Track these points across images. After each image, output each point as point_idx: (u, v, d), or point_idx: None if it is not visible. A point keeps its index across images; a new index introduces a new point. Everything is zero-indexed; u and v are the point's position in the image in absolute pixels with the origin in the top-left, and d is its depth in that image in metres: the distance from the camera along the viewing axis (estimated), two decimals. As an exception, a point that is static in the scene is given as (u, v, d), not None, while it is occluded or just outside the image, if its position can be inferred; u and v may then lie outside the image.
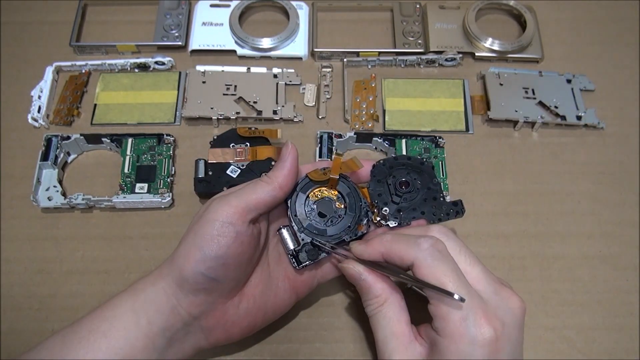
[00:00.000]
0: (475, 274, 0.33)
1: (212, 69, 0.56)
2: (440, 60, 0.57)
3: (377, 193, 0.39)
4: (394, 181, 0.40)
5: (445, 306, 0.31)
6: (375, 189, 0.40)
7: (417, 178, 0.40)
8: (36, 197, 0.48)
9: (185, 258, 0.34)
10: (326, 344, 0.44)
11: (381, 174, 0.40)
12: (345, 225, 0.38)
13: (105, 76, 0.56)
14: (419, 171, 0.40)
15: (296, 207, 0.38)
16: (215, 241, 0.34)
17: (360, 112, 0.54)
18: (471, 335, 0.30)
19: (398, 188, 0.39)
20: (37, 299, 0.45)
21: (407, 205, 0.39)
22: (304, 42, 0.58)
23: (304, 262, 0.37)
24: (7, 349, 0.43)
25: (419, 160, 0.41)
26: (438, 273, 0.31)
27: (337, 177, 0.38)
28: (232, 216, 0.34)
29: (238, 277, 0.36)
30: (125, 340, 0.33)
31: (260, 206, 0.35)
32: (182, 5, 0.60)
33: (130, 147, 0.51)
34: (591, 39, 0.60)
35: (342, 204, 0.39)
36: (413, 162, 0.41)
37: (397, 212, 0.39)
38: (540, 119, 0.53)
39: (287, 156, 0.37)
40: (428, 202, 0.40)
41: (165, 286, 0.35)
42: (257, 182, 0.36)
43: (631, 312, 0.46)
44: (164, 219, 0.49)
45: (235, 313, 0.37)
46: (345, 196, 0.39)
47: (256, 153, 0.49)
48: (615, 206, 0.50)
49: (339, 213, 0.39)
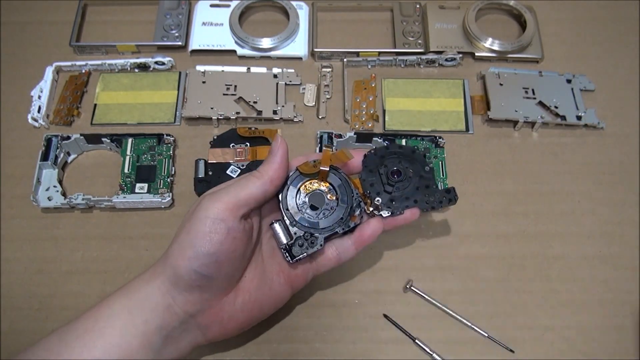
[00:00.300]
0: None
1: (212, 69, 0.56)
2: (440, 60, 0.57)
3: (370, 183, 0.39)
4: (386, 170, 0.39)
5: None
6: (367, 178, 0.39)
7: (409, 166, 0.40)
8: (36, 197, 0.48)
9: (178, 256, 0.34)
10: (326, 344, 0.44)
11: (372, 163, 0.40)
12: (337, 217, 0.38)
13: (105, 76, 0.56)
14: (411, 159, 0.40)
15: (287, 201, 0.38)
16: (208, 238, 0.34)
17: (360, 112, 0.54)
18: None
19: (390, 177, 0.39)
20: (37, 299, 0.45)
21: (399, 194, 0.39)
22: (304, 42, 0.58)
23: (298, 255, 0.37)
24: (7, 349, 0.43)
25: (411, 148, 0.41)
26: None
27: (327, 169, 0.38)
28: (223, 212, 0.34)
29: (232, 273, 0.36)
30: (121, 339, 0.33)
31: (251, 201, 0.35)
32: (182, 5, 0.60)
33: (130, 147, 0.51)
34: (591, 39, 0.60)
35: (334, 195, 0.39)
36: (404, 151, 0.41)
37: (390, 201, 0.39)
38: (540, 119, 0.53)
39: (277, 150, 0.37)
40: (421, 190, 0.39)
41: (160, 284, 0.35)
42: (248, 177, 0.36)
43: (631, 312, 0.46)
44: (164, 219, 0.49)
45: (231, 309, 0.37)
46: (337, 188, 0.39)
47: (256, 153, 0.49)
48: (615, 206, 0.50)
49: (331, 205, 0.39)
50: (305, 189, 0.39)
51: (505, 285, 0.47)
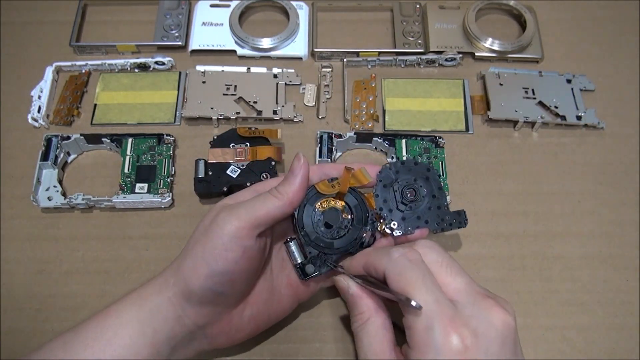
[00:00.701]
0: (456, 285, 0.32)
1: (212, 69, 0.56)
2: (440, 60, 0.57)
3: (383, 199, 0.39)
4: (400, 188, 0.39)
5: (410, 316, 0.30)
6: (381, 194, 0.39)
7: (422, 185, 0.40)
8: (36, 197, 0.48)
9: (193, 272, 0.34)
10: (326, 344, 0.44)
11: (387, 178, 0.40)
12: (352, 237, 0.38)
13: (105, 76, 0.56)
14: (425, 177, 0.40)
15: (303, 220, 0.38)
16: (223, 256, 0.33)
17: (360, 112, 0.54)
18: (436, 344, 0.28)
19: (404, 196, 0.39)
20: (37, 299, 0.45)
21: (411, 213, 0.39)
22: (304, 42, 0.58)
23: (311, 274, 0.37)
24: (7, 349, 0.43)
25: (426, 166, 0.41)
26: (403, 281, 0.31)
27: (346, 191, 0.38)
28: (240, 231, 0.33)
29: (245, 289, 0.36)
30: (130, 349, 0.33)
31: (269, 221, 0.35)
32: (182, 5, 0.60)
33: (130, 147, 0.51)
34: (591, 39, 0.60)
35: (349, 214, 0.38)
36: (419, 168, 0.40)
37: (402, 219, 0.39)
38: (540, 119, 0.53)
39: (299, 171, 0.36)
40: (432, 210, 0.40)
41: (172, 296, 0.34)
42: (267, 196, 0.35)
43: (631, 312, 0.46)
44: (164, 219, 0.49)
45: (239, 321, 0.37)
46: (352, 207, 0.38)
47: (256, 153, 0.49)
48: (615, 206, 0.50)
49: (345, 224, 0.38)
50: (320, 206, 0.38)
51: (505, 285, 0.47)
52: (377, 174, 0.40)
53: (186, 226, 0.49)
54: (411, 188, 0.40)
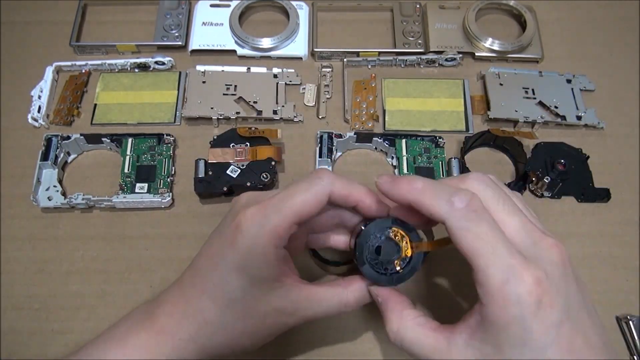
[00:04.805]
0: (514, 224, 0.30)
1: (212, 69, 0.56)
2: (440, 60, 0.57)
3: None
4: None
5: (483, 272, 0.29)
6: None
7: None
8: (36, 197, 0.48)
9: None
10: (326, 344, 0.44)
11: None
12: (378, 278, 0.35)
13: (105, 76, 0.56)
14: None
15: (370, 229, 0.35)
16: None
17: (360, 112, 0.54)
18: (517, 296, 0.28)
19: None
20: (37, 299, 0.45)
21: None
22: (304, 42, 0.58)
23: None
24: (7, 349, 0.43)
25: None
26: (470, 237, 0.29)
27: (422, 251, 0.35)
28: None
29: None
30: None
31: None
32: (182, 5, 0.60)
33: (130, 147, 0.51)
34: (591, 39, 0.60)
35: (401, 266, 0.34)
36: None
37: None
38: (540, 119, 0.53)
39: (365, 192, 0.35)
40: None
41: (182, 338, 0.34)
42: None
43: (631, 312, 0.46)
44: (164, 219, 0.49)
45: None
46: (409, 266, 0.34)
47: (256, 153, 0.49)
48: (615, 206, 0.50)
49: (390, 267, 0.34)
50: (393, 233, 0.34)
51: (505, 285, 0.47)
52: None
53: (186, 226, 0.49)
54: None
